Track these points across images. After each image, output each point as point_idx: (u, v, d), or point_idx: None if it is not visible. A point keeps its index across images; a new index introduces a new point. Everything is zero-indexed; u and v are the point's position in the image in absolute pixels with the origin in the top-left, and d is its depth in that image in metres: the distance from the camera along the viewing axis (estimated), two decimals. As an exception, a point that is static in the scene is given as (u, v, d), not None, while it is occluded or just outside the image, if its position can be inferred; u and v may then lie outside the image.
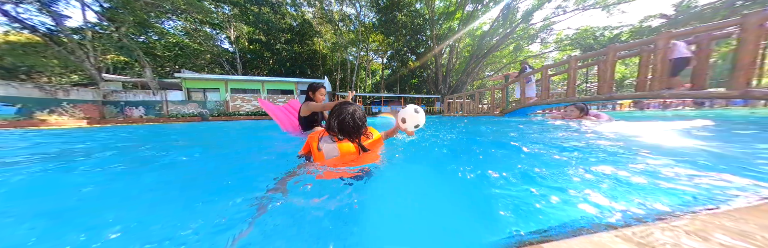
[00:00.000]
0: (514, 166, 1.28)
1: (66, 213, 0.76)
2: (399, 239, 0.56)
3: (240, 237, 0.56)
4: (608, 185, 0.91)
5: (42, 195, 0.95)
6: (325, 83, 16.41)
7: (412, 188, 0.95)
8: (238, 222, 0.65)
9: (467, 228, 0.63)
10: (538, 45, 26.47)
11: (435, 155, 1.70)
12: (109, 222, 0.67)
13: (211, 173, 1.36)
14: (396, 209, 0.74)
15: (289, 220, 0.66)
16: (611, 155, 1.42)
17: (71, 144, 2.81)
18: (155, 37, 15.75)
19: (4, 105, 9.26)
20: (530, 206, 0.72)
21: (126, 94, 13.28)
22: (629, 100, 14.63)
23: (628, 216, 0.66)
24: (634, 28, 20.01)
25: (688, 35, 3.99)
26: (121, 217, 0.73)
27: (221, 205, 0.81)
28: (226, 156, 1.92)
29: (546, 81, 6.78)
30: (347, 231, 0.60)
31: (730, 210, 0.67)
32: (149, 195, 0.97)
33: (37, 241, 0.58)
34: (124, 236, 0.60)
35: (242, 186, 1.07)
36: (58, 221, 0.72)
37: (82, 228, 0.65)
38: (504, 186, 0.93)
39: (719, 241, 0.51)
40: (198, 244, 0.56)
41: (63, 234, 0.62)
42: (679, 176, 0.98)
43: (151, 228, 0.65)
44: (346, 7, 25.71)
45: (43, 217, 0.73)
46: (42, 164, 1.57)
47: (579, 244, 0.51)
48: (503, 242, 0.54)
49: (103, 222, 0.67)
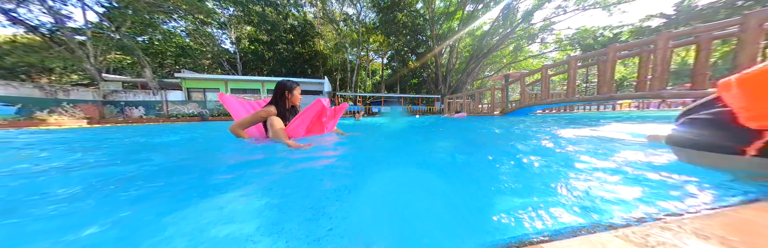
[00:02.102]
0: (513, 166, 1.28)
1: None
2: (397, 239, 0.56)
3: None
4: (608, 184, 0.91)
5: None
6: (325, 82, 16.42)
7: (410, 187, 0.95)
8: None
9: (466, 227, 0.63)
10: (538, 45, 26.49)
11: (433, 154, 1.70)
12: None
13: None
14: (394, 208, 0.73)
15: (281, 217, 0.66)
16: (611, 155, 1.42)
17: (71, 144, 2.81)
18: (159, 36, 15.76)
19: (4, 105, 9.27)
20: (530, 206, 0.72)
21: (126, 94, 13.29)
22: (629, 100, 14.63)
23: (628, 216, 0.65)
24: (634, 28, 20.03)
25: (689, 35, 4.00)
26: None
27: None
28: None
29: (546, 81, 6.79)
30: (343, 230, 0.60)
31: (730, 209, 0.67)
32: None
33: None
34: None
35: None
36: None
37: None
38: (503, 185, 0.93)
39: (719, 241, 0.51)
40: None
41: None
42: (679, 176, 0.98)
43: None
44: (346, 7, 25.74)
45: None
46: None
47: (579, 244, 0.51)
48: (502, 242, 0.54)
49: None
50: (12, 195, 0.93)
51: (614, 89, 5.21)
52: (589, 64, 6.32)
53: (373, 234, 0.58)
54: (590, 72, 17.57)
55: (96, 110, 12.29)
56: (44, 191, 0.93)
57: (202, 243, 0.55)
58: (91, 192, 0.92)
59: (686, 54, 22.29)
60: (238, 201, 0.81)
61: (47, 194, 0.90)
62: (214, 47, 21.28)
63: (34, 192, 0.94)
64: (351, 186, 0.96)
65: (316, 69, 25.77)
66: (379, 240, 0.55)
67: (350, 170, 1.25)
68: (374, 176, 1.13)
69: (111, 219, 0.67)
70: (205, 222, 0.65)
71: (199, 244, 0.54)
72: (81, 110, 11.58)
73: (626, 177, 0.99)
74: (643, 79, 4.36)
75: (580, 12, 19.88)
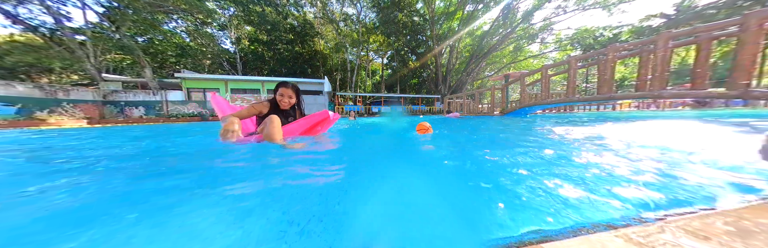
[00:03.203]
0: (513, 165, 1.28)
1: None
2: (395, 239, 0.56)
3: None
4: (608, 184, 0.91)
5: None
6: (325, 82, 16.41)
7: (408, 187, 0.95)
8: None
9: (465, 227, 0.63)
10: (538, 45, 26.49)
11: (431, 153, 1.70)
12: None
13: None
14: (394, 208, 0.73)
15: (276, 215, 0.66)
16: (611, 154, 1.42)
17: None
18: (159, 36, 15.74)
19: (4, 105, 9.26)
20: (529, 205, 0.72)
21: (126, 94, 13.28)
22: (629, 100, 14.63)
23: (628, 216, 0.65)
24: (634, 28, 20.01)
25: (689, 35, 4.00)
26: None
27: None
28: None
29: (546, 81, 6.79)
30: (341, 231, 0.60)
31: (730, 209, 0.67)
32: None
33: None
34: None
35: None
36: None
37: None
38: (503, 185, 0.93)
39: (719, 241, 0.51)
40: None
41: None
42: (680, 176, 0.98)
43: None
44: (346, 7, 25.74)
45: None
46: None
47: (579, 244, 0.51)
48: (502, 242, 0.54)
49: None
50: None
51: (614, 89, 5.21)
52: (589, 64, 6.32)
53: (374, 233, 0.58)
54: (590, 72, 17.57)
55: (96, 110, 12.28)
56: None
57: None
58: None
59: (686, 54, 22.28)
60: (245, 201, 0.81)
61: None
62: (214, 47, 21.27)
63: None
64: (348, 186, 0.96)
65: (316, 69, 25.77)
66: (379, 240, 0.55)
67: (347, 171, 1.25)
68: (374, 175, 1.13)
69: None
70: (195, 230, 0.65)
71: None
72: (81, 110, 11.58)
73: (626, 177, 0.99)
74: (643, 79, 4.36)
75: (580, 12, 19.88)
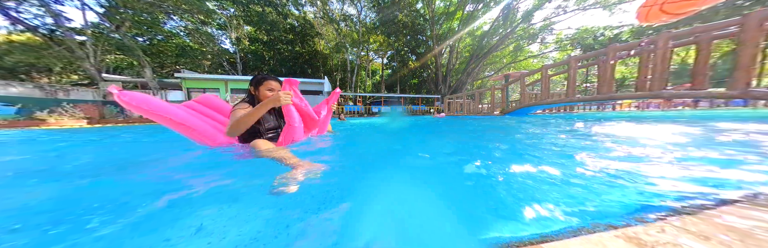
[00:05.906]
0: (513, 165, 1.28)
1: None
2: (394, 239, 0.56)
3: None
4: (608, 184, 0.91)
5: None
6: (325, 82, 16.41)
7: (409, 187, 0.95)
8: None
9: (465, 227, 0.63)
10: (538, 45, 26.48)
11: (429, 152, 1.70)
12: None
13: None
14: (393, 208, 0.73)
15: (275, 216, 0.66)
16: (611, 154, 1.42)
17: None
18: (159, 36, 15.74)
19: (4, 105, 9.26)
20: (529, 205, 0.72)
21: (126, 94, 13.27)
22: (630, 100, 14.63)
23: (628, 216, 0.65)
24: (634, 28, 20.00)
25: (689, 35, 4.00)
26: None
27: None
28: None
29: (546, 81, 6.79)
30: (339, 230, 0.60)
31: (730, 209, 0.67)
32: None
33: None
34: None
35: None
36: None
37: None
38: (502, 185, 0.93)
39: (719, 241, 0.51)
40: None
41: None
42: (680, 176, 0.98)
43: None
44: (347, 6, 25.74)
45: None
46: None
47: (579, 244, 0.51)
48: (502, 242, 0.54)
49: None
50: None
51: (614, 89, 5.21)
52: (589, 64, 6.32)
53: (374, 233, 0.58)
54: (590, 72, 17.56)
55: (96, 110, 12.27)
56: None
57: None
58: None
59: (686, 54, 22.27)
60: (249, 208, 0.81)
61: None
62: (214, 47, 21.27)
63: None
64: (346, 184, 0.96)
65: (316, 69, 25.77)
66: (379, 240, 0.55)
67: (348, 171, 1.25)
68: (373, 176, 1.13)
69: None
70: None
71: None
72: (81, 110, 11.57)
73: (626, 177, 0.99)
74: (643, 79, 4.36)
75: (580, 12, 19.87)
